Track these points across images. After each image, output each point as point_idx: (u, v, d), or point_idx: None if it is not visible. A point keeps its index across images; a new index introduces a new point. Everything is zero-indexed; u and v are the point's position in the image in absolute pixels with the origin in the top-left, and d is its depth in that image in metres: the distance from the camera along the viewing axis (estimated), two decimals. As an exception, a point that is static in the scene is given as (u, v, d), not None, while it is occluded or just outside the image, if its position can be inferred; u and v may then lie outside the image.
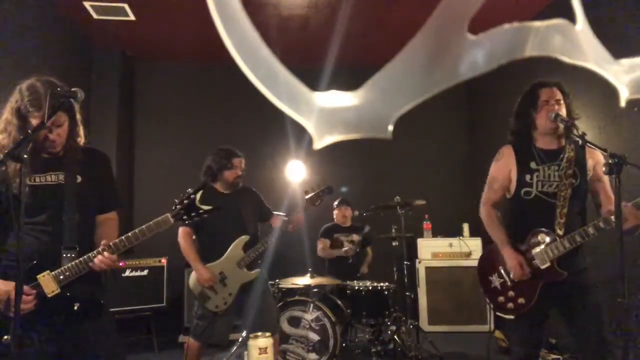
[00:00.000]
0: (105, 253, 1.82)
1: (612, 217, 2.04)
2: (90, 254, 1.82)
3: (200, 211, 2.02)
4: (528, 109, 2.33)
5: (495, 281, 2.38)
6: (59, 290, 1.76)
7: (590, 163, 2.27)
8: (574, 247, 2.16)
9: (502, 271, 2.35)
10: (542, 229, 2.22)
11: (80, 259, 1.81)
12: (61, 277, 1.77)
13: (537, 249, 2.23)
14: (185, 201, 2.00)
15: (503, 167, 2.38)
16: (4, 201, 1.79)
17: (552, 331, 3.85)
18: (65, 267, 1.78)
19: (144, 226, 1.89)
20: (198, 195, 2.02)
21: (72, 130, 1.90)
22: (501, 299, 2.33)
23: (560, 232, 2.19)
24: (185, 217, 1.99)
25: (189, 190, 2.03)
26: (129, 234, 1.88)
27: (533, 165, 2.28)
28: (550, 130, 2.27)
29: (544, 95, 2.28)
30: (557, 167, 2.25)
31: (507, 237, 2.33)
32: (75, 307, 1.81)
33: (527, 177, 2.28)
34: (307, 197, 3.35)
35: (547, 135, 2.31)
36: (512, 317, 2.31)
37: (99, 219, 2.04)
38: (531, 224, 2.26)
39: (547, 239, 2.21)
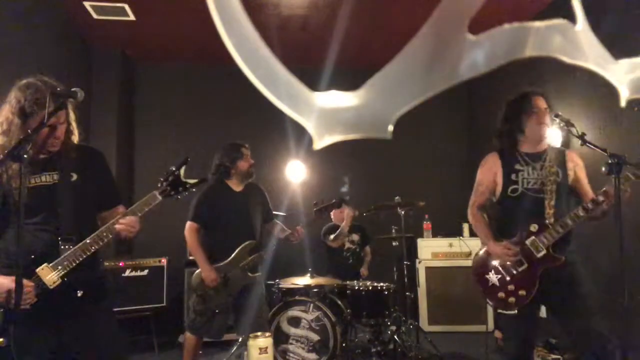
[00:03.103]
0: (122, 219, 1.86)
1: (600, 197, 2.14)
2: (86, 240, 1.81)
3: (188, 185, 2.04)
4: (520, 113, 2.42)
5: (493, 278, 2.40)
6: (60, 280, 1.76)
7: (570, 165, 2.40)
8: (564, 235, 2.25)
9: (499, 267, 2.39)
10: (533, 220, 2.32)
11: (77, 246, 1.80)
12: (59, 267, 1.76)
13: (531, 239, 2.30)
14: (170, 178, 2.01)
15: (488, 171, 2.52)
16: (2, 203, 1.79)
17: (552, 331, 3.85)
18: (63, 256, 1.78)
19: (133, 207, 1.92)
20: (182, 170, 2.03)
21: (66, 128, 1.90)
22: (501, 294, 2.35)
23: (551, 221, 2.28)
24: (172, 193, 2.01)
25: (172, 167, 2.04)
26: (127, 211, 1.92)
27: (518, 166, 2.42)
28: (538, 139, 2.41)
29: (536, 103, 2.39)
30: (540, 167, 2.38)
31: (492, 234, 2.46)
32: (79, 294, 1.82)
33: (513, 176, 2.41)
34: (315, 209, 3.39)
35: (532, 141, 2.43)
36: (514, 312, 2.32)
37: (104, 214, 2.04)
38: (521, 218, 2.34)
39: (539, 228, 2.30)
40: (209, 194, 3.17)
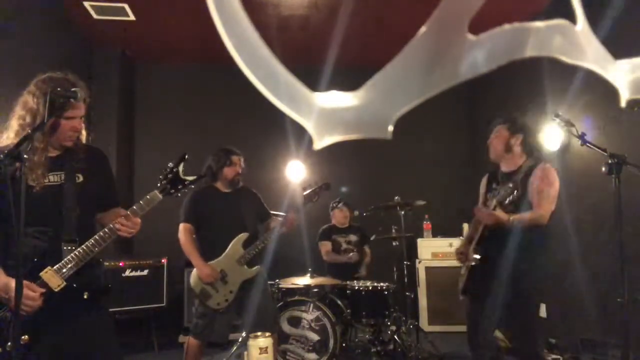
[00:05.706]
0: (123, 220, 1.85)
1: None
2: (88, 242, 1.81)
3: (186, 182, 2.06)
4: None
5: None
6: (64, 283, 1.75)
7: (531, 179, 2.68)
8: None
9: None
10: None
11: (80, 248, 1.80)
12: (63, 270, 1.76)
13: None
14: (169, 175, 2.02)
15: (481, 190, 3.04)
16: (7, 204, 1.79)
17: (552, 331, 3.85)
18: (66, 259, 1.77)
19: (134, 207, 1.91)
20: (180, 168, 2.04)
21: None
22: None
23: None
24: (172, 190, 2.02)
25: (170, 164, 2.05)
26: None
27: (494, 185, 2.87)
28: (499, 160, 2.82)
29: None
30: (508, 185, 2.74)
31: (468, 235, 3.02)
32: (86, 296, 1.82)
33: (489, 194, 2.87)
34: (304, 193, 3.38)
35: (506, 159, 2.78)
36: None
37: (100, 215, 2.04)
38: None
39: None
40: (197, 195, 3.17)
